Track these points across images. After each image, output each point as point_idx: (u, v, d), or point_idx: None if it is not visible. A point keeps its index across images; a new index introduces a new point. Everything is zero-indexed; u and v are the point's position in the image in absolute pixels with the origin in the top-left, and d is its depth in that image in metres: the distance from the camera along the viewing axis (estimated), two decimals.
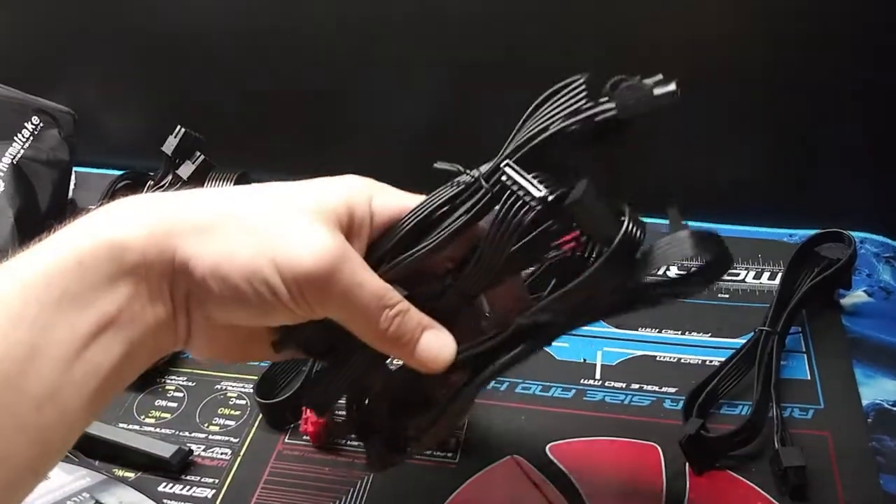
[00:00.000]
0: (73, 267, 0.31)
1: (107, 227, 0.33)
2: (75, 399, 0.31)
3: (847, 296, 0.59)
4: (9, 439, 0.30)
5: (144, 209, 0.34)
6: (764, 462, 0.48)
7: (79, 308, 0.31)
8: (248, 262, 0.33)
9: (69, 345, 0.31)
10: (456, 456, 0.50)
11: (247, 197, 0.35)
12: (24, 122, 0.65)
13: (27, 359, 0.30)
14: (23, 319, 0.30)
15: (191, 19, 0.70)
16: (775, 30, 0.61)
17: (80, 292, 0.31)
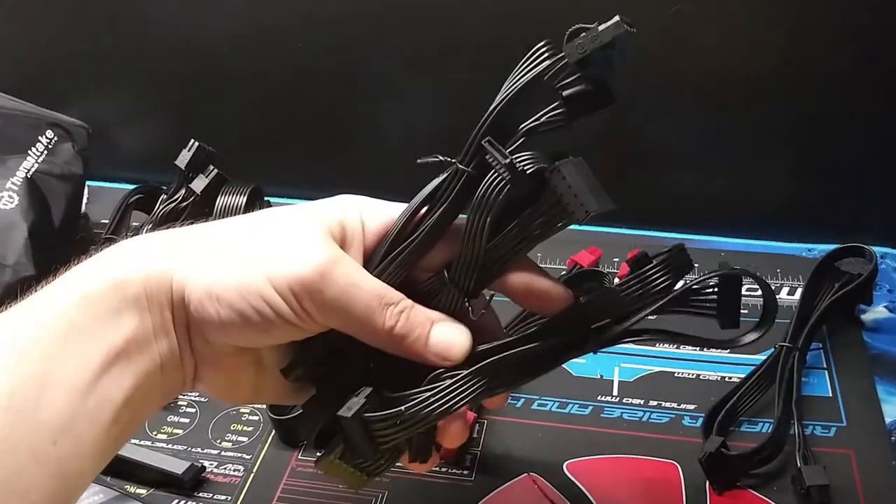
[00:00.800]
0: (78, 301, 0.32)
1: (110, 264, 0.34)
2: (90, 431, 0.31)
3: (868, 311, 0.58)
4: (28, 473, 0.29)
5: (145, 244, 0.35)
6: (786, 481, 0.47)
7: (87, 340, 0.32)
8: (239, 279, 0.33)
9: (80, 376, 0.31)
10: (472, 473, 0.49)
11: (241, 222, 0.36)
12: (39, 136, 0.65)
13: (40, 390, 0.30)
14: (34, 353, 0.31)
15: (204, 34, 0.70)
16: (795, 47, 0.61)
17: (86, 325, 0.32)
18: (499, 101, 0.33)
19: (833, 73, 0.61)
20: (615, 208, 0.34)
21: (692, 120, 0.65)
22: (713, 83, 0.64)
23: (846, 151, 0.64)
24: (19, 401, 0.29)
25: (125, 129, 0.77)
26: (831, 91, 0.62)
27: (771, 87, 0.63)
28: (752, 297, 0.60)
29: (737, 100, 0.64)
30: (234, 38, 0.69)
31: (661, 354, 0.56)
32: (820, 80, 0.62)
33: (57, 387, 0.30)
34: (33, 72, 0.75)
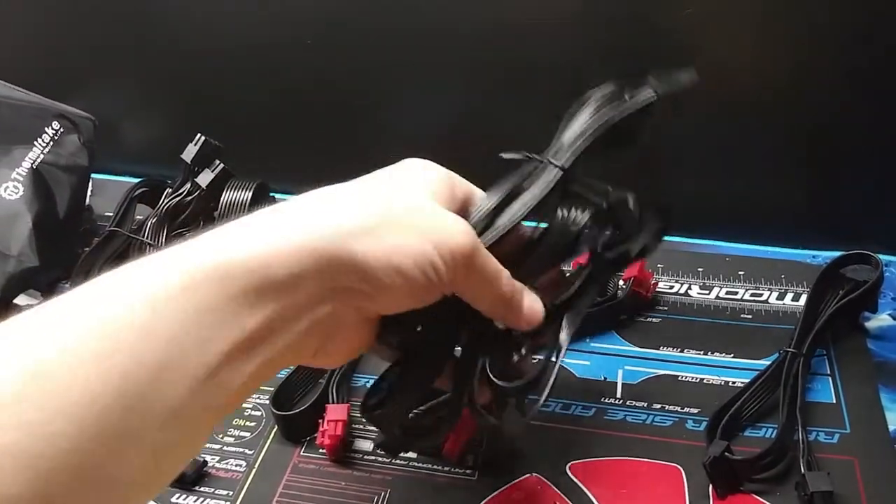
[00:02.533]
0: (213, 281, 0.30)
1: (252, 239, 0.32)
2: (199, 419, 0.30)
3: (872, 319, 0.58)
4: (128, 460, 0.28)
5: (289, 220, 0.33)
6: (789, 486, 0.47)
7: (216, 325, 0.30)
8: (417, 250, 0.34)
9: (200, 364, 0.29)
10: (475, 473, 0.49)
11: (384, 195, 0.36)
12: (45, 127, 0.65)
13: (155, 377, 0.28)
14: (152, 335, 0.28)
15: (211, 28, 0.70)
16: (804, 53, 0.61)
17: (218, 307, 0.30)
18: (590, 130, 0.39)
19: (842, 79, 0.61)
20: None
21: (699, 125, 0.65)
22: (721, 88, 0.63)
23: (852, 158, 0.64)
24: (132, 386, 0.28)
25: (131, 122, 0.77)
26: (839, 97, 0.62)
27: (779, 93, 0.62)
28: (756, 302, 0.60)
29: (744, 105, 0.64)
30: (242, 32, 0.69)
31: (666, 358, 0.56)
32: (828, 87, 0.62)
33: (175, 373, 0.29)
34: (40, 63, 0.75)
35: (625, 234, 0.42)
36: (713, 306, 0.60)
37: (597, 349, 0.57)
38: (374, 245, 0.33)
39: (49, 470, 0.26)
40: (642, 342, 0.57)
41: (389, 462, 0.50)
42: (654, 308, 0.60)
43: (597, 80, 0.41)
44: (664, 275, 0.63)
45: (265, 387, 0.55)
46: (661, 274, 0.63)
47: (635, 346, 0.57)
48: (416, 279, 0.35)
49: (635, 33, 0.62)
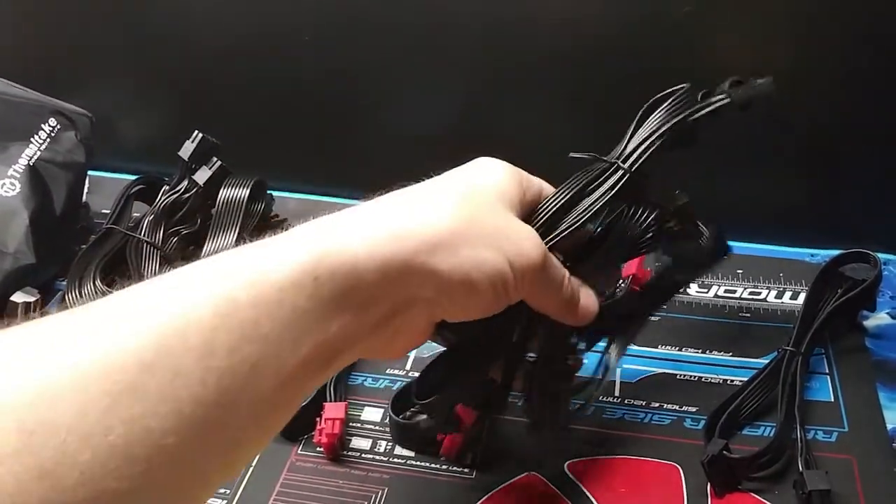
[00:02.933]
0: (309, 282, 0.30)
1: (343, 242, 0.32)
2: (273, 418, 0.31)
3: (870, 318, 0.58)
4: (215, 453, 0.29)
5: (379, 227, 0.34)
6: (787, 485, 0.47)
7: (305, 328, 0.30)
8: (493, 268, 0.35)
9: (287, 366, 0.30)
10: (473, 471, 0.49)
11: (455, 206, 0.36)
12: (42, 124, 0.65)
13: (248, 376, 0.29)
14: (253, 335, 0.29)
15: (209, 25, 0.69)
16: (802, 51, 0.61)
17: (310, 310, 0.30)
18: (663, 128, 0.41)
19: (841, 78, 0.61)
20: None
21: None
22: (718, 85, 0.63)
23: (851, 157, 0.64)
24: (226, 384, 0.28)
25: (128, 119, 0.77)
26: (838, 96, 0.62)
27: (778, 92, 0.62)
28: (755, 300, 0.60)
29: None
30: (240, 29, 0.69)
31: (664, 356, 0.56)
32: (828, 86, 0.62)
33: (265, 372, 0.29)
34: (37, 59, 0.74)
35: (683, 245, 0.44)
36: (712, 305, 0.60)
37: (595, 347, 0.57)
38: (455, 260, 0.34)
39: (150, 464, 0.26)
40: (641, 340, 0.57)
41: (387, 460, 0.50)
42: None
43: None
44: None
45: None
46: None
47: (634, 344, 0.57)
48: (487, 294, 0.36)
49: (635, 32, 0.62)
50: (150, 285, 0.30)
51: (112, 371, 0.26)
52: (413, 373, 0.56)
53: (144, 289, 0.30)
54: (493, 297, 0.36)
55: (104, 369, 0.26)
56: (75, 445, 0.25)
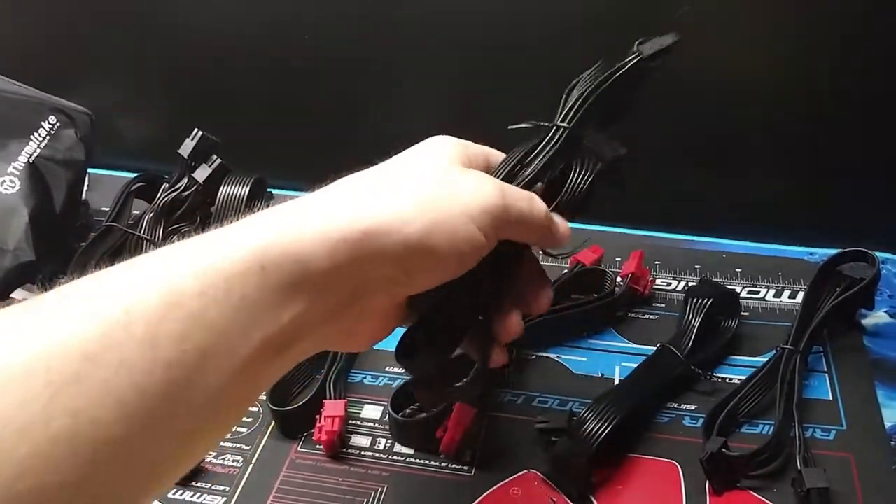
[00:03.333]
0: (256, 271, 0.30)
1: (292, 230, 0.32)
2: (231, 408, 0.31)
3: (868, 316, 0.58)
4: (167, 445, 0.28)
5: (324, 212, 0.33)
6: (785, 483, 0.47)
7: (255, 318, 0.30)
8: (450, 227, 0.34)
9: (238, 355, 0.30)
10: (472, 469, 0.49)
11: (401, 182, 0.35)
12: (41, 121, 0.65)
13: (198, 366, 0.28)
14: (201, 324, 0.28)
15: (210, 23, 0.69)
16: (800, 50, 0.61)
17: (259, 300, 0.30)
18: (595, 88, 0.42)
19: (838, 77, 0.61)
20: None
21: (696, 121, 0.65)
22: (717, 85, 0.64)
23: (850, 156, 0.64)
24: (175, 375, 0.28)
25: (128, 116, 0.77)
26: (837, 95, 0.62)
27: (776, 90, 0.63)
28: (753, 299, 0.61)
29: (741, 102, 0.64)
30: (239, 27, 0.69)
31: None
32: (826, 85, 0.62)
33: (216, 363, 0.29)
34: (37, 57, 0.75)
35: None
36: None
37: (594, 345, 0.57)
38: (407, 233, 0.33)
39: (95, 456, 0.26)
40: (639, 339, 0.57)
41: (386, 458, 0.50)
42: (651, 304, 0.60)
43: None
44: (661, 271, 0.63)
45: None
46: (659, 270, 0.63)
47: (632, 342, 0.57)
48: (450, 255, 0.34)
49: (634, 32, 0.62)
50: (100, 276, 0.29)
51: (55, 362, 0.26)
52: None
53: (93, 280, 0.29)
54: (458, 256, 0.35)
55: (48, 361, 0.26)
56: (13, 439, 0.25)
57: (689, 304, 0.54)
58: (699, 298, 0.54)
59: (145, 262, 0.30)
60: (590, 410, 0.47)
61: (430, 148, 0.38)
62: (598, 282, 0.60)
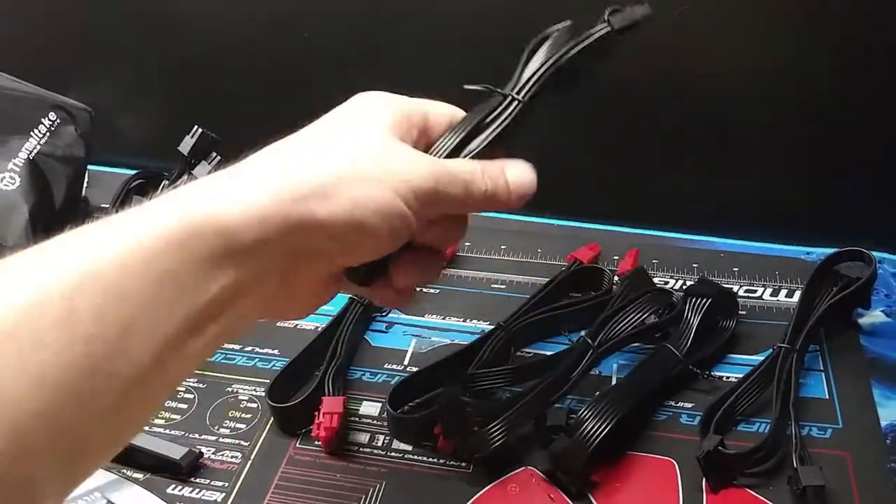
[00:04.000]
0: (176, 245, 0.30)
1: (216, 202, 0.31)
2: (160, 384, 0.30)
3: (865, 315, 0.58)
4: (94, 420, 0.28)
5: (251, 183, 0.32)
6: (782, 481, 0.47)
7: (179, 288, 0.30)
8: (381, 204, 0.34)
9: (165, 328, 0.29)
10: (470, 466, 0.49)
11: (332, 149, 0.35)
12: (42, 118, 0.65)
13: (120, 340, 0.28)
14: (120, 297, 0.28)
15: (209, 20, 0.70)
16: (797, 50, 0.61)
17: (183, 272, 0.30)
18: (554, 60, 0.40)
19: (837, 77, 0.61)
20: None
21: (694, 121, 0.65)
22: (716, 85, 0.64)
23: (847, 156, 0.65)
24: (97, 349, 0.27)
25: (128, 113, 0.77)
26: (834, 95, 0.62)
27: (774, 90, 0.63)
28: (751, 298, 0.61)
29: (740, 102, 0.64)
30: (240, 23, 0.69)
31: None
32: (823, 85, 0.62)
33: (140, 337, 0.28)
34: (37, 54, 0.75)
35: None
36: None
37: None
38: (338, 205, 0.33)
39: (21, 428, 0.26)
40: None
41: (385, 454, 0.50)
42: None
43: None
44: (659, 270, 0.63)
45: (261, 378, 0.55)
46: (656, 269, 0.63)
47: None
48: (382, 231, 0.34)
49: (633, 33, 0.62)
50: (23, 254, 0.29)
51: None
52: (411, 368, 0.56)
53: (15, 258, 0.29)
54: (390, 232, 0.34)
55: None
56: None
57: (687, 304, 0.55)
58: (698, 298, 0.55)
59: (67, 239, 0.30)
60: (589, 409, 0.47)
61: (363, 113, 0.37)
62: (596, 280, 0.60)
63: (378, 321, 0.60)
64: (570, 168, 0.69)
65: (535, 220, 0.70)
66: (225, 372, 0.56)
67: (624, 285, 0.57)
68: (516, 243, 0.67)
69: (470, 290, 0.63)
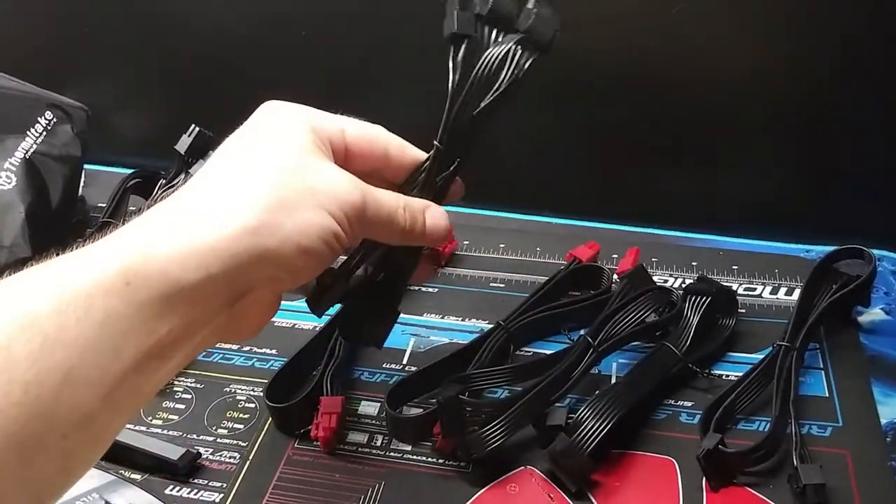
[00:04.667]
0: (120, 288, 0.29)
1: (159, 243, 0.31)
2: (109, 425, 0.30)
3: (864, 313, 0.58)
4: (38, 465, 0.28)
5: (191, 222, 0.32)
6: (782, 479, 0.47)
7: (124, 333, 0.29)
8: (319, 226, 0.35)
9: (110, 371, 0.29)
10: (469, 465, 0.49)
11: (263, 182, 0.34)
12: (38, 117, 0.65)
13: (61, 384, 0.28)
14: (59, 343, 0.28)
15: (206, 18, 0.69)
16: (796, 48, 0.61)
17: (127, 315, 0.29)
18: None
19: (836, 74, 0.61)
20: None
21: (692, 118, 0.65)
22: (714, 83, 0.64)
23: (846, 153, 0.64)
24: (37, 394, 0.27)
25: (125, 112, 0.76)
26: (833, 92, 0.62)
27: (773, 89, 0.63)
28: (750, 296, 0.61)
29: (738, 100, 0.64)
30: (237, 23, 0.69)
31: None
32: (823, 82, 0.62)
33: (83, 381, 0.28)
34: (33, 53, 0.74)
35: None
36: None
37: None
38: (281, 235, 0.33)
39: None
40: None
41: (383, 454, 0.50)
42: None
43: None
44: (658, 268, 0.63)
45: (259, 378, 0.55)
46: (656, 268, 0.63)
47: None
48: (323, 251, 0.35)
49: (631, 31, 0.62)
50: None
51: None
52: (409, 367, 0.56)
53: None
54: (329, 250, 0.35)
55: None
56: None
57: (687, 302, 0.54)
58: (697, 296, 0.54)
59: (7, 283, 0.30)
60: (588, 408, 0.47)
61: (285, 132, 0.37)
62: (595, 278, 0.60)
63: None
64: (570, 166, 0.69)
65: (535, 219, 0.70)
66: (223, 372, 0.56)
67: (624, 284, 0.57)
68: (515, 242, 0.67)
69: (469, 288, 0.63)
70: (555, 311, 0.57)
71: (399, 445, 0.51)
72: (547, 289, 0.59)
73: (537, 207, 0.70)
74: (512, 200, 0.71)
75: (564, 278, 0.60)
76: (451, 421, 0.47)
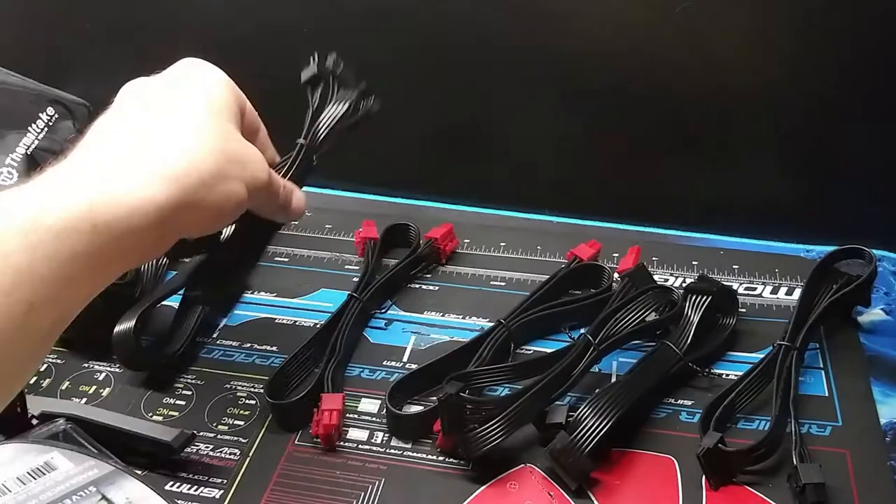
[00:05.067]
0: (86, 230, 0.33)
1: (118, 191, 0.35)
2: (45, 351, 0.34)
3: (864, 313, 0.58)
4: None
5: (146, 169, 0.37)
6: (781, 478, 0.47)
7: (84, 270, 0.33)
8: (238, 195, 0.41)
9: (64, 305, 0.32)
10: (469, 463, 0.49)
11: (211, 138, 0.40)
12: (40, 113, 0.65)
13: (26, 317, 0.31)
14: (31, 278, 0.31)
15: (208, 14, 0.69)
16: (797, 48, 0.61)
17: (89, 254, 0.33)
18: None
19: (836, 74, 0.61)
20: None
21: (693, 118, 0.65)
22: (716, 82, 0.64)
23: (847, 153, 0.65)
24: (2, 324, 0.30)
25: None
26: (833, 92, 0.62)
27: (773, 88, 0.63)
28: (750, 296, 0.61)
29: (739, 99, 0.64)
30: (239, 20, 0.69)
31: None
32: (822, 82, 0.62)
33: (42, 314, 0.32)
34: (35, 48, 0.74)
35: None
36: None
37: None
38: (215, 195, 0.39)
39: None
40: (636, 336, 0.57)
41: (384, 452, 0.50)
42: None
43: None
44: (658, 268, 0.63)
45: (260, 375, 0.55)
46: (656, 267, 0.63)
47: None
48: (230, 217, 0.42)
49: (633, 31, 0.62)
50: None
51: None
52: (410, 365, 0.56)
53: None
54: (231, 217, 0.42)
55: None
56: None
57: (687, 301, 0.55)
58: (698, 295, 0.55)
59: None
60: (588, 406, 0.47)
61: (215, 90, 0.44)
62: (596, 277, 0.60)
63: (377, 318, 0.60)
64: (571, 165, 0.69)
65: (535, 217, 0.70)
66: (223, 369, 0.56)
67: (624, 283, 0.57)
68: (516, 240, 0.67)
69: (469, 287, 0.63)
70: (555, 310, 0.57)
71: (399, 443, 0.51)
72: (548, 287, 0.59)
73: (538, 206, 0.70)
74: (513, 199, 0.71)
75: (565, 277, 0.60)
76: (452, 418, 0.47)
